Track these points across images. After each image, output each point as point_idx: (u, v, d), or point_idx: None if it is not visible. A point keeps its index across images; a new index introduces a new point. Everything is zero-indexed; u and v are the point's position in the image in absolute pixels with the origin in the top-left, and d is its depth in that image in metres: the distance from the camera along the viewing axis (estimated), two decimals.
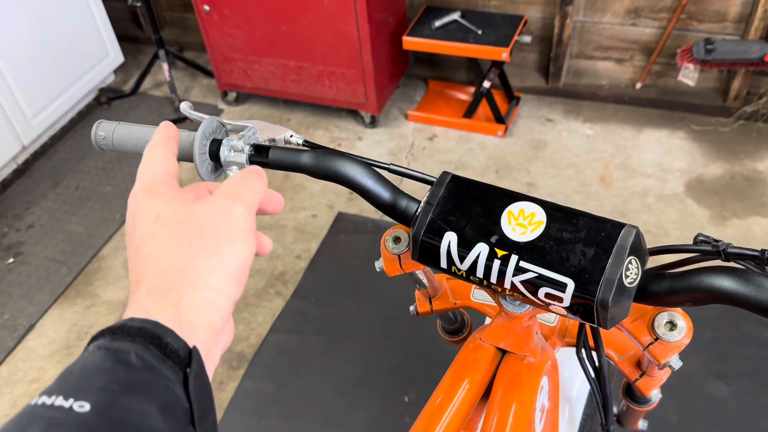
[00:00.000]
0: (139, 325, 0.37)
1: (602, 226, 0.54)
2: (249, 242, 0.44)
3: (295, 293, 2.15)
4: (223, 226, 0.43)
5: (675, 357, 0.60)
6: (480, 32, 2.52)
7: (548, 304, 0.55)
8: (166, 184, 0.47)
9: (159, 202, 0.45)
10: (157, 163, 0.48)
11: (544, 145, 2.62)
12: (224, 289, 0.42)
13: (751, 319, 1.92)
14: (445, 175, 0.61)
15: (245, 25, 2.65)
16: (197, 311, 0.40)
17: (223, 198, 0.45)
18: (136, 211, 0.45)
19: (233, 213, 0.44)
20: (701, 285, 0.49)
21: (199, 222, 0.43)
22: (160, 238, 0.43)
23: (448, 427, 0.66)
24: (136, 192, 0.46)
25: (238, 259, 0.43)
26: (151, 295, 0.40)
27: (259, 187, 0.48)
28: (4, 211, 2.60)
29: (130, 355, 0.35)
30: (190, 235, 0.42)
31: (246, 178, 0.48)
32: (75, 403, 0.32)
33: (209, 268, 0.41)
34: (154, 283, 0.41)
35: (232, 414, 1.84)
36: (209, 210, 0.44)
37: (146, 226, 0.43)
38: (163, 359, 0.36)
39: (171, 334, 0.37)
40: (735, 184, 2.38)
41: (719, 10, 2.45)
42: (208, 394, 0.38)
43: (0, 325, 2.17)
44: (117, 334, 0.37)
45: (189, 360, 0.37)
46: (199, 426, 0.37)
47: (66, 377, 0.35)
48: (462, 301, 0.83)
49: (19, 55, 2.58)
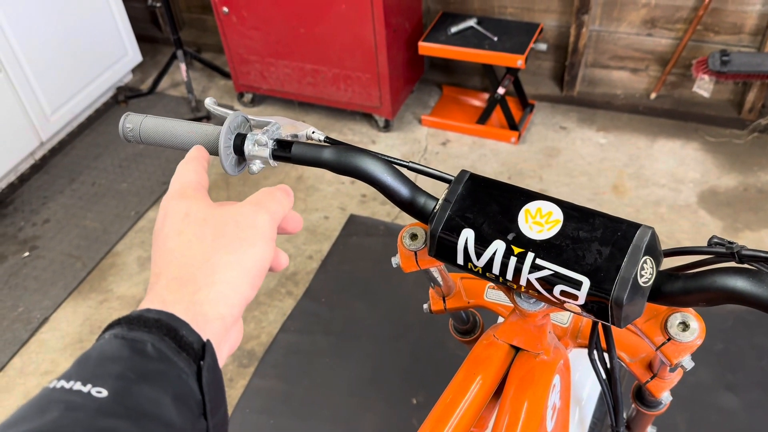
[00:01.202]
0: (156, 316, 0.38)
1: (618, 226, 0.55)
2: (269, 247, 0.46)
3: (306, 293, 2.16)
4: (246, 229, 0.45)
5: (687, 357, 0.61)
6: (496, 39, 2.53)
7: (563, 302, 0.56)
8: (196, 190, 0.50)
9: (189, 203, 0.47)
10: (191, 174, 0.51)
11: (557, 153, 2.63)
12: (239, 286, 0.43)
13: (763, 331, 1.91)
14: (464, 173, 0.62)
15: (263, 27, 2.67)
16: (211, 304, 0.41)
17: (249, 205, 0.48)
18: (168, 211, 0.47)
19: (257, 218, 0.46)
20: (715, 285, 0.50)
21: (224, 222, 0.45)
22: (185, 233, 0.45)
23: (460, 423, 0.67)
24: (169, 196, 0.49)
25: (256, 260, 0.45)
26: (170, 286, 0.42)
27: (285, 203, 0.50)
28: (20, 206, 2.64)
29: (147, 346, 0.36)
30: (214, 232, 0.45)
31: (274, 192, 0.50)
32: (93, 389, 0.33)
33: (228, 263, 0.43)
34: (174, 274, 0.42)
35: (242, 411, 1.85)
36: (235, 213, 0.46)
37: (175, 222, 0.46)
38: (178, 351, 0.37)
39: (186, 326, 0.39)
40: (748, 196, 2.37)
41: (736, 22, 2.45)
42: (220, 388, 0.39)
43: (14, 318, 2.20)
44: (134, 324, 0.38)
45: (203, 353, 0.38)
46: (211, 418, 0.38)
47: (83, 363, 0.36)
48: (475, 300, 0.84)
49: (40, 52, 2.62)
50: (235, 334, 0.46)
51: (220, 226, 0.45)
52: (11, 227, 2.55)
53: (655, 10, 2.53)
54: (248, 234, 0.45)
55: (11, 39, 2.48)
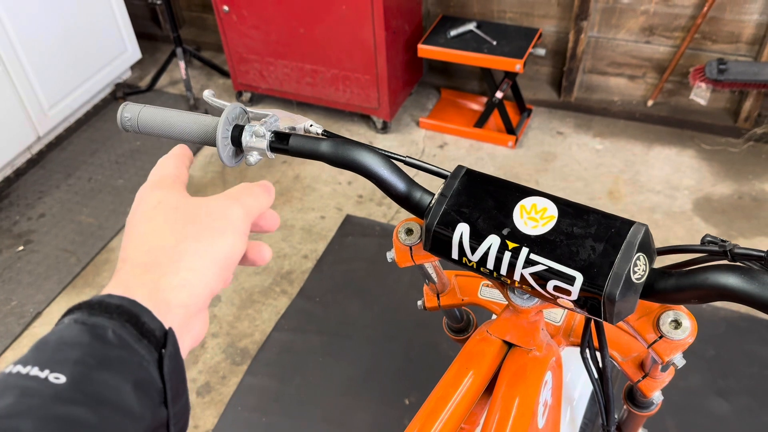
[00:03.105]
0: (118, 302, 0.38)
1: (612, 222, 0.55)
2: (239, 240, 0.45)
3: (300, 292, 2.16)
4: (218, 219, 0.45)
5: (679, 355, 0.61)
6: (495, 43, 2.54)
7: (556, 298, 0.57)
8: (173, 182, 0.49)
9: (163, 192, 0.47)
10: (169, 167, 0.51)
11: (553, 158, 2.64)
12: (205, 275, 0.42)
13: (754, 338, 1.92)
14: (460, 168, 0.63)
15: (263, 26, 2.68)
16: (174, 291, 0.40)
17: (224, 197, 0.47)
18: (141, 198, 0.47)
19: (230, 210, 0.46)
20: (707, 282, 0.50)
21: (196, 211, 0.45)
22: (155, 220, 0.45)
23: (451, 419, 0.68)
24: (144, 185, 0.49)
25: (225, 251, 0.44)
26: (134, 271, 0.41)
27: (262, 199, 0.50)
28: (16, 200, 2.63)
29: (107, 332, 0.36)
30: (185, 219, 0.44)
31: (252, 188, 0.50)
32: (51, 375, 0.33)
33: (195, 251, 0.43)
34: (140, 259, 0.42)
35: (234, 409, 1.85)
36: (208, 203, 0.46)
37: (146, 209, 0.46)
38: (139, 338, 0.36)
39: (148, 313, 0.38)
40: (743, 204, 2.38)
41: (733, 31, 2.46)
42: (181, 377, 0.38)
43: (7, 311, 2.19)
44: (95, 309, 0.37)
45: (164, 341, 0.38)
46: (172, 407, 0.37)
47: (41, 348, 0.35)
48: (469, 297, 0.84)
49: (40, 47, 2.62)
50: (199, 325, 0.44)
51: (191, 214, 0.45)
52: (6, 221, 2.54)
53: (653, 18, 2.54)
54: (219, 224, 0.45)
55: (11, 33, 2.48)
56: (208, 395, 1.91)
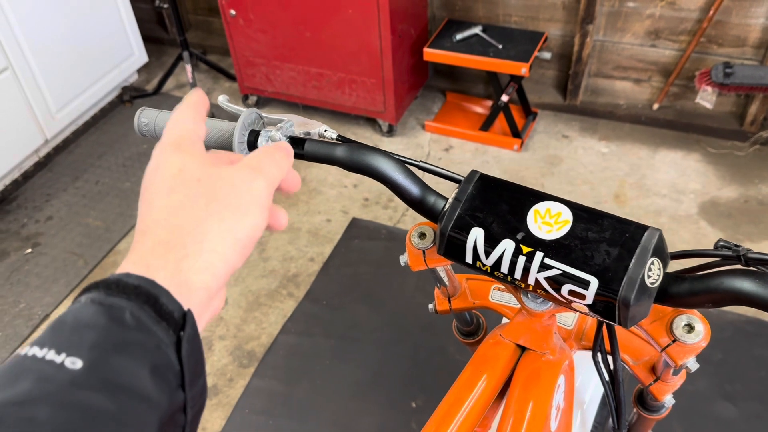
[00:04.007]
0: (136, 282, 0.37)
1: (626, 227, 0.56)
2: (263, 216, 0.44)
3: (307, 295, 2.17)
4: (243, 196, 0.43)
5: (692, 359, 0.62)
6: (500, 47, 2.55)
7: (570, 302, 0.57)
8: (193, 142, 0.46)
9: (185, 157, 0.44)
10: (188, 122, 0.48)
11: (559, 161, 2.64)
12: (228, 256, 0.41)
13: (762, 342, 1.92)
14: (474, 173, 0.63)
15: (270, 30, 2.69)
16: (197, 273, 0.39)
17: (247, 169, 0.45)
18: (160, 162, 0.44)
19: (254, 185, 0.44)
20: (722, 286, 0.51)
21: (220, 186, 0.43)
22: (178, 192, 0.42)
23: (464, 423, 0.68)
24: (164, 144, 0.45)
25: (249, 230, 0.43)
26: (155, 250, 0.40)
27: (283, 165, 0.48)
28: (24, 203, 2.65)
29: (125, 314, 0.35)
30: (208, 196, 0.42)
31: (273, 153, 0.48)
32: (67, 359, 0.32)
33: (219, 232, 0.41)
34: (161, 236, 0.40)
35: (241, 411, 1.86)
36: (231, 177, 0.44)
37: (167, 177, 0.43)
38: (157, 320, 0.36)
39: (167, 294, 0.37)
40: (749, 208, 2.38)
41: (739, 35, 2.46)
42: (199, 359, 0.38)
43: (16, 314, 2.20)
44: (112, 289, 0.36)
45: (183, 323, 0.37)
46: (189, 390, 0.36)
47: (58, 329, 0.34)
48: (480, 301, 0.85)
49: (47, 50, 2.63)
50: (217, 301, 0.44)
51: (214, 189, 0.43)
52: (14, 224, 2.55)
53: (659, 22, 2.54)
54: (243, 201, 0.43)
55: (19, 36, 2.49)
56: (216, 398, 1.91)
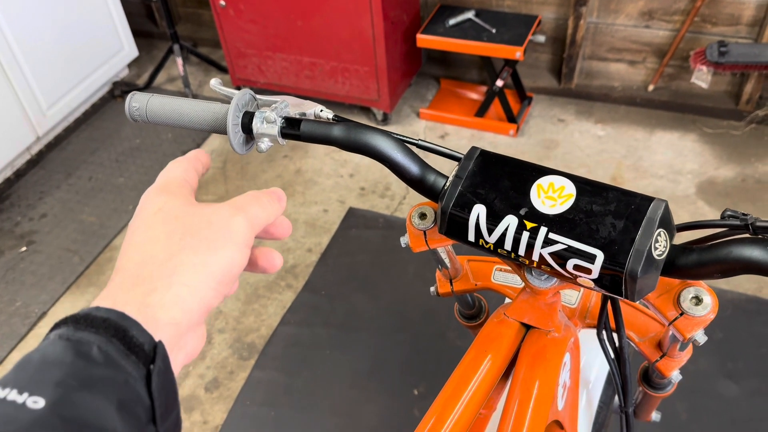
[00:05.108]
0: (105, 315, 0.36)
1: (631, 199, 0.55)
2: (240, 253, 0.43)
3: (305, 286, 2.16)
4: (219, 231, 0.43)
5: (700, 332, 0.61)
6: (494, 31, 2.53)
7: (576, 277, 0.56)
8: (179, 186, 0.47)
9: (167, 197, 0.45)
10: (179, 171, 0.49)
11: (555, 145, 2.63)
12: (199, 290, 0.40)
13: (762, 320, 1.92)
14: (474, 149, 0.62)
15: (260, 20, 2.66)
16: (164, 307, 0.39)
17: (228, 207, 0.45)
18: (144, 203, 0.45)
19: (232, 221, 0.44)
20: (731, 255, 0.50)
21: (197, 222, 0.43)
22: (154, 228, 0.43)
23: (470, 404, 0.67)
24: (150, 188, 0.47)
25: (223, 265, 0.42)
26: (124, 283, 0.40)
27: (270, 208, 0.48)
28: (17, 201, 2.62)
29: (92, 349, 0.34)
30: (184, 230, 0.42)
31: (260, 196, 0.48)
32: (29, 399, 0.31)
33: (191, 264, 0.41)
34: (132, 271, 0.40)
35: (242, 404, 1.85)
36: (210, 213, 0.44)
37: (147, 216, 0.44)
38: (126, 354, 0.35)
39: (137, 326, 0.36)
40: (746, 186, 2.37)
41: (733, 13, 2.45)
42: (172, 392, 0.37)
43: (12, 312, 2.18)
44: (80, 323, 0.36)
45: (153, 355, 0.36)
46: (161, 424, 0.36)
47: (23, 368, 0.34)
48: (483, 282, 0.83)
49: (37, 47, 2.60)
50: (194, 341, 0.43)
51: (191, 224, 0.43)
52: (8, 222, 2.53)
53: (652, 2, 2.53)
54: (219, 236, 0.43)
55: (7, 33, 2.46)
56: (217, 390, 1.90)
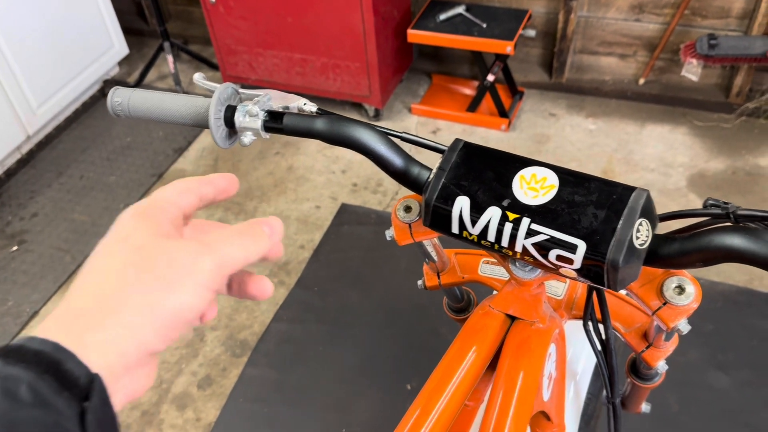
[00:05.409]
0: (38, 347, 0.33)
1: (613, 189, 0.55)
2: (198, 297, 0.38)
3: (298, 283, 2.16)
4: (179, 270, 0.38)
5: (683, 321, 0.61)
6: (485, 26, 2.53)
7: (559, 267, 0.56)
8: (162, 210, 0.42)
9: (139, 223, 0.40)
10: (171, 192, 0.44)
11: (547, 140, 2.63)
12: (140, 334, 0.36)
13: (752, 311, 1.93)
14: (458, 141, 0.62)
15: (251, 17, 2.65)
16: (98, 348, 0.35)
17: (196, 243, 0.40)
18: (115, 226, 0.41)
19: (197, 261, 0.39)
20: (713, 243, 0.50)
21: (158, 256, 0.38)
22: (112, 257, 0.39)
23: (454, 396, 0.67)
24: (128, 209, 0.42)
25: (174, 309, 0.37)
26: (67, 314, 0.36)
27: (252, 248, 0.42)
28: (8, 200, 2.61)
29: (20, 387, 0.31)
30: (142, 264, 0.38)
31: (242, 233, 0.42)
32: None
33: (136, 305, 0.37)
34: (77, 301, 0.37)
35: (235, 401, 1.85)
36: (176, 249, 0.39)
37: (111, 241, 0.40)
38: (58, 391, 0.32)
39: (72, 359, 0.33)
40: (737, 179, 2.38)
41: (723, 5, 2.46)
42: (111, 427, 0.34)
43: (4, 312, 2.18)
44: (11, 357, 0.33)
45: (90, 390, 0.33)
46: None
47: None
48: (470, 275, 0.84)
49: (26, 45, 2.58)
50: (135, 383, 0.39)
51: (151, 258, 0.38)
52: None
53: None
54: (178, 276, 0.38)
55: None
56: (209, 388, 1.90)
